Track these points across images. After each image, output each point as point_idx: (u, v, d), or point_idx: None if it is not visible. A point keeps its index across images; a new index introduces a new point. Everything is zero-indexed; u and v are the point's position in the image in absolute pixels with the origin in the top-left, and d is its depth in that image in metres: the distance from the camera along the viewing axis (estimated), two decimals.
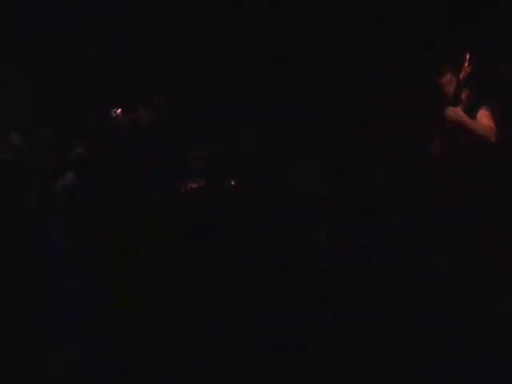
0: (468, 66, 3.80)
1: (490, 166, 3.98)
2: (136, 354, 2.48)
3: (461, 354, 2.96)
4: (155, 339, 2.52)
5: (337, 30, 5.36)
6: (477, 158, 3.96)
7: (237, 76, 5.66)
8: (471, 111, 3.95)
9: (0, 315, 4.08)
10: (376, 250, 4.45)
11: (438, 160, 4.14)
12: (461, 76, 3.85)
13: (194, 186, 5.38)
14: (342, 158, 5.33)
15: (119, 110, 4.70)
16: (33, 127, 5.32)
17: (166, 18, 5.57)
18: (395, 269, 4.20)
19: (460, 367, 2.83)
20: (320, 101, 5.38)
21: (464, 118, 3.91)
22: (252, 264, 4.74)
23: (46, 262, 4.25)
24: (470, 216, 3.95)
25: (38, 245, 4.32)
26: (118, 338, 2.69)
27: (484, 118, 3.93)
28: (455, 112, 3.92)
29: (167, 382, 2.61)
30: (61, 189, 4.64)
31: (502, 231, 4.04)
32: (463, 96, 4.00)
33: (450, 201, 4.07)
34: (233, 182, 5.56)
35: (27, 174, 4.91)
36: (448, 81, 4.00)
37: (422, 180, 4.80)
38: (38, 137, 5.23)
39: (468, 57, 3.78)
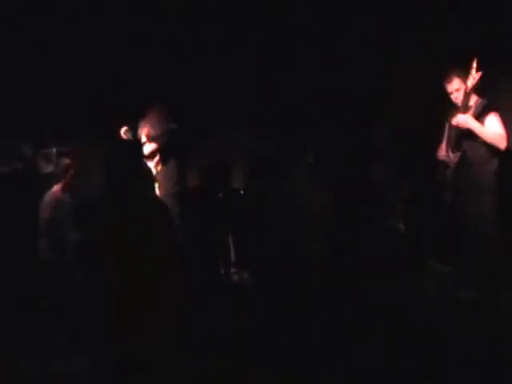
0: (476, 72, 3.77)
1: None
2: (136, 354, 2.48)
3: (461, 354, 2.96)
4: (155, 339, 2.52)
5: (337, 29, 5.36)
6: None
7: (237, 76, 5.66)
8: (480, 117, 3.93)
9: (2, 315, 4.09)
10: (376, 250, 4.46)
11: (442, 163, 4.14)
12: (469, 83, 3.84)
13: (194, 184, 5.38)
14: (342, 158, 5.33)
15: (126, 129, 4.80)
16: (41, 136, 5.36)
17: (165, 17, 5.56)
18: (395, 269, 4.20)
19: (460, 367, 2.83)
20: (320, 101, 5.38)
21: (474, 124, 3.89)
22: (252, 264, 4.75)
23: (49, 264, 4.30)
24: (470, 217, 3.96)
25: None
26: (118, 338, 2.68)
27: (493, 125, 3.92)
28: (465, 119, 3.92)
29: (167, 381, 2.61)
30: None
31: (502, 231, 4.05)
32: (472, 102, 4.00)
33: (451, 201, 4.08)
34: (233, 183, 5.57)
35: (39, 183, 4.95)
36: (457, 88, 3.99)
37: (422, 180, 4.81)
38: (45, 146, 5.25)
39: (475, 64, 3.76)
